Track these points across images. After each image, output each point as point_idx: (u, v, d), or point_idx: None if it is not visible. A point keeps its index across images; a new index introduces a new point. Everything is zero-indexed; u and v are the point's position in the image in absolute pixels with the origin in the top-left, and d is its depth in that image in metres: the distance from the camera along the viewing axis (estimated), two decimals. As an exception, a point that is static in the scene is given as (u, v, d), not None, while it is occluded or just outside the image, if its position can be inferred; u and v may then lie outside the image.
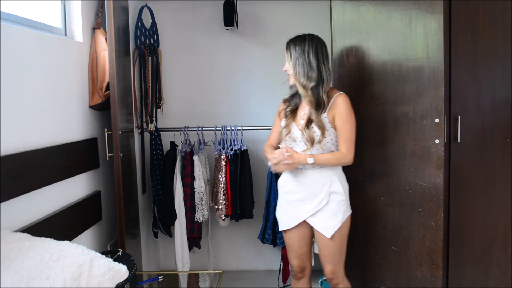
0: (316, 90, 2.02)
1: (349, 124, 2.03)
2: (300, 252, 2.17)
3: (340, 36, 2.34)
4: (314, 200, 2.05)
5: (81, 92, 2.19)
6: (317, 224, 2.07)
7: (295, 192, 2.09)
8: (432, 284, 2.13)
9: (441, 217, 2.07)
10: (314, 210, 2.05)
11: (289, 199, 2.13)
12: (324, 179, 2.05)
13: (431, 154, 2.07)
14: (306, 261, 2.20)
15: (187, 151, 2.83)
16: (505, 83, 2.17)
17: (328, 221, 2.04)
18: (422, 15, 2.06)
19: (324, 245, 2.09)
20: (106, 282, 1.40)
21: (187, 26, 3.15)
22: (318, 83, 2.02)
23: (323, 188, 2.04)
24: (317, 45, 2.03)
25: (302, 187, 2.07)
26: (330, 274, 2.12)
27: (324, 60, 2.04)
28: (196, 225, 2.82)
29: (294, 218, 2.11)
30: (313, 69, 2.01)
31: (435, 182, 2.07)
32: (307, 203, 2.07)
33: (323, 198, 2.04)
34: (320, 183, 2.05)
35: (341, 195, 2.05)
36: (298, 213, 2.09)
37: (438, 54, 2.03)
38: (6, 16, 1.68)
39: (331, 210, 2.04)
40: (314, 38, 2.06)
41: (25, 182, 1.67)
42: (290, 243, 2.18)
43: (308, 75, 2.01)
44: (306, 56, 2.01)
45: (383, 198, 2.26)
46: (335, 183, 2.05)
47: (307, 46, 2.02)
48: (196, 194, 2.79)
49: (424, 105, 2.08)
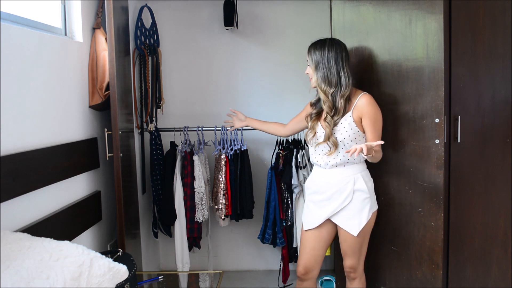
0: (335, 96, 2.03)
1: (379, 123, 2.06)
2: (312, 253, 2.16)
3: (340, 36, 2.33)
4: (338, 199, 2.07)
5: (81, 92, 2.19)
6: (343, 222, 2.08)
7: (321, 192, 2.12)
8: (432, 284, 2.13)
9: (441, 217, 2.07)
10: (339, 208, 2.07)
11: (315, 199, 2.16)
12: (348, 178, 2.07)
13: (431, 154, 2.07)
14: (315, 264, 2.18)
15: (187, 151, 2.83)
16: (505, 83, 2.17)
17: (353, 219, 2.06)
18: (422, 15, 2.06)
19: (345, 241, 2.11)
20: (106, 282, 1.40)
21: (187, 26, 3.15)
22: (337, 89, 2.03)
23: (347, 186, 2.06)
24: (337, 50, 2.03)
25: (326, 187, 2.10)
26: (348, 268, 2.15)
27: (344, 65, 2.04)
28: (196, 225, 2.83)
29: (318, 217, 2.13)
30: (332, 74, 2.02)
31: (435, 182, 2.07)
32: (332, 202, 2.09)
33: (347, 196, 2.06)
34: (344, 182, 2.07)
35: (365, 193, 2.07)
36: (322, 212, 2.12)
37: (438, 54, 2.03)
38: (6, 16, 1.68)
39: (355, 208, 2.06)
40: (334, 43, 2.06)
41: (25, 182, 1.67)
42: (306, 242, 2.18)
43: (328, 80, 2.03)
44: (326, 61, 2.03)
45: (383, 198, 2.26)
46: (359, 181, 2.07)
47: (327, 51, 2.03)
48: (196, 194, 2.79)
49: (424, 105, 2.08)
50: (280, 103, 3.17)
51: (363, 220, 2.06)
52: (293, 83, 3.10)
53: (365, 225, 2.07)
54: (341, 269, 2.32)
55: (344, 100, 2.03)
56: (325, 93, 2.04)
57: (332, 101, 2.03)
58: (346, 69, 2.04)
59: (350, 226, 2.07)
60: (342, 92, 2.02)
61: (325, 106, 2.06)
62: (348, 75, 2.04)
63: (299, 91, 2.82)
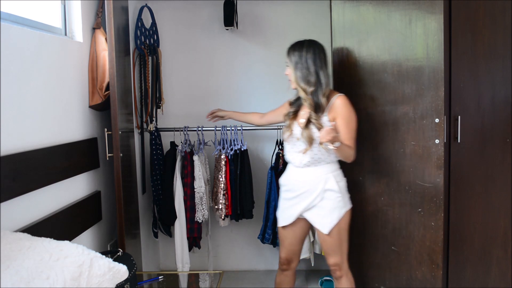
0: (315, 94, 2.08)
1: (353, 124, 2.09)
2: (290, 248, 2.28)
3: (340, 36, 2.34)
4: (309, 197, 2.13)
5: (81, 92, 2.19)
6: (315, 220, 2.15)
7: (293, 190, 2.18)
8: (432, 284, 2.13)
9: (441, 217, 2.07)
10: (309, 207, 2.14)
11: (288, 196, 2.22)
12: (319, 177, 2.12)
13: (431, 154, 2.08)
14: (294, 257, 2.31)
15: (187, 151, 2.83)
16: (505, 83, 2.17)
17: (324, 218, 2.12)
18: (422, 15, 2.06)
19: (324, 240, 2.17)
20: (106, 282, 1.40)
21: (187, 26, 3.15)
22: (317, 87, 2.08)
23: (318, 186, 2.11)
24: (315, 51, 2.10)
25: (299, 185, 2.16)
26: (333, 266, 2.20)
27: (323, 65, 2.10)
28: (196, 225, 2.82)
29: (291, 215, 2.20)
30: (311, 74, 2.07)
31: (435, 182, 2.07)
32: (302, 200, 2.15)
33: (317, 195, 2.11)
34: (316, 181, 2.12)
35: (336, 192, 2.11)
36: (295, 209, 2.18)
37: (438, 54, 2.03)
38: (6, 16, 1.68)
39: (326, 207, 2.11)
40: (312, 44, 2.12)
41: (25, 182, 1.67)
42: (283, 238, 2.29)
43: (307, 79, 2.08)
44: (305, 61, 2.09)
45: (383, 198, 2.26)
46: (330, 181, 2.11)
47: (305, 52, 2.09)
48: (196, 194, 2.79)
49: (424, 105, 2.08)
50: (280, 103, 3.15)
51: (334, 219, 2.11)
52: (293, 83, 3.10)
53: (337, 223, 2.11)
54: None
55: (325, 98, 2.08)
56: (305, 92, 2.09)
57: (313, 98, 2.08)
58: (324, 68, 2.10)
59: (321, 224, 2.13)
60: (324, 91, 2.08)
61: (307, 104, 2.10)
62: (326, 74, 2.10)
63: (299, 91, 2.82)
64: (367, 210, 2.33)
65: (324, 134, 1.93)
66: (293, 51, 2.12)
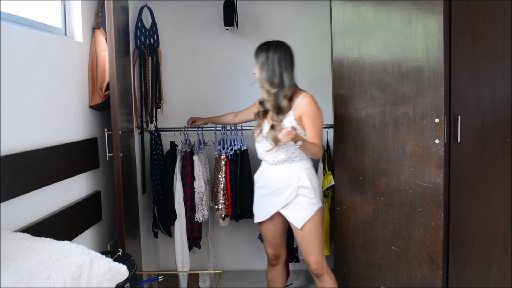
0: (277, 96, 2.14)
1: (318, 121, 2.14)
2: (274, 242, 2.33)
3: (340, 36, 2.34)
4: (284, 194, 2.18)
5: (81, 92, 2.19)
6: (289, 215, 2.20)
7: (268, 187, 2.24)
8: (432, 284, 2.13)
9: (441, 217, 2.07)
10: (285, 203, 2.18)
11: (262, 193, 2.28)
12: (293, 175, 2.16)
13: (431, 154, 2.08)
14: (280, 249, 2.37)
15: (187, 151, 2.83)
16: (505, 83, 2.18)
17: (298, 214, 2.17)
18: (422, 15, 2.06)
19: (301, 238, 2.21)
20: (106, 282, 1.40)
21: (187, 26, 3.15)
22: (280, 89, 2.13)
23: (292, 183, 2.16)
24: (281, 52, 2.15)
25: (273, 182, 2.21)
26: (314, 265, 2.21)
27: (287, 67, 2.14)
28: (196, 225, 2.82)
29: (267, 211, 2.26)
30: (276, 75, 2.13)
31: (435, 182, 2.07)
32: (278, 196, 2.20)
33: (291, 192, 2.16)
34: (290, 178, 2.16)
35: (309, 190, 2.16)
36: (270, 205, 2.23)
37: (438, 54, 2.03)
38: (6, 16, 1.68)
39: (300, 203, 2.16)
40: (279, 45, 2.17)
41: (25, 182, 1.67)
42: (265, 233, 2.34)
43: (271, 81, 2.14)
44: (271, 62, 2.14)
45: (383, 198, 2.26)
46: (303, 178, 2.16)
47: (272, 53, 2.14)
48: (196, 194, 2.79)
49: (424, 105, 2.08)
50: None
51: (307, 215, 2.15)
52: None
53: (309, 219, 2.15)
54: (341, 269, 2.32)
55: (286, 100, 2.12)
56: (268, 93, 2.15)
57: (274, 100, 2.13)
58: (289, 70, 2.14)
59: (295, 219, 2.18)
60: (285, 93, 2.12)
61: (269, 105, 2.17)
62: (291, 76, 2.15)
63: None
64: (367, 210, 2.33)
65: (284, 135, 1.97)
66: (261, 51, 2.17)
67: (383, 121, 2.23)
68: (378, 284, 2.36)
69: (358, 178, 2.35)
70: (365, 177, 2.34)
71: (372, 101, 2.27)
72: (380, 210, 2.27)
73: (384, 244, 2.30)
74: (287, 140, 1.98)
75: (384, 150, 2.23)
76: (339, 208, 2.39)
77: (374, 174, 2.29)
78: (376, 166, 2.27)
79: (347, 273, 2.37)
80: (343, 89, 2.33)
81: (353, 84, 2.32)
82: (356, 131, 2.30)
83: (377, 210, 2.29)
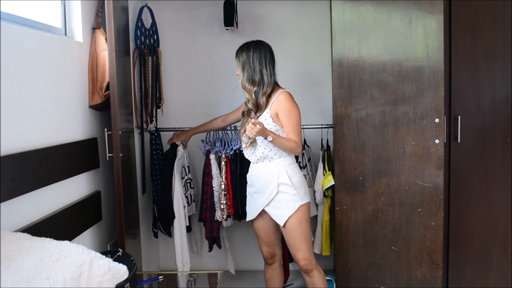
0: (257, 94, 2.20)
1: (294, 117, 2.16)
2: (268, 240, 2.35)
3: (340, 36, 2.34)
4: (266, 192, 2.21)
5: (81, 92, 2.19)
6: (272, 213, 2.22)
7: (253, 185, 2.30)
8: (432, 284, 2.13)
9: (441, 217, 2.07)
10: (268, 200, 2.21)
11: (250, 191, 2.33)
12: (273, 172, 2.19)
13: (431, 154, 2.08)
14: (275, 247, 2.38)
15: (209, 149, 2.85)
16: (505, 83, 2.18)
17: (280, 211, 2.19)
18: (422, 15, 2.06)
19: (287, 235, 2.22)
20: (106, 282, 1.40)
21: (187, 26, 3.15)
22: (260, 87, 2.19)
23: (272, 180, 2.19)
24: (261, 51, 2.21)
25: (256, 180, 2.26)
26: (302, 261, 2.22)
27: (267, 65, 2.20)
28: (216, 225, 2.82)
29: (255, 209, 2.29)
30: (256, 73, 2.19)
31: (435, 182, 2.07)
32: (261, 194, 2.24)
33: (272, 189, 2.19)
34: (270, 175, 2.20)
35: (290, 186, 2.17)
36: (257, 204, 2.27)
37: (438, 54, 2.03)
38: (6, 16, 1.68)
39: (281, 200, 2.18)
40: (258, 44, 2.25)
41: (25, 182, 1.67)
42: (258, 232, 2.36)
43: (252, 79, 2.20)
44: (251, 61, 2.21)
45: (383, 198, 2.26)
46: (282, 175, 2.18)
47: (252, 52, 2.21)
48: (215, 192, 2.79)
49: (424, 105, 2.08)
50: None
51: (289, 211, 2.16)
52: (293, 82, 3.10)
53: (292, 216, 2.15)
54: (341, 269, 2.32)
55: (265, 97, 2.18)
56: (249, 92, 2.20)
57: (255, 98, 2.19)
58: (269, 68, 2.20)
59: (277, 216, 2.20)
60: (264, 90, 2.18)
61: (249, 104, 2.22)
62: (271, 73, 2.21)
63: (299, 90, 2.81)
64: (367, 210, 2.33)
65: (249, 129, 2.00)
66: (241, 52, 2.24)
67: (383, 121, 2.23)
68: (378, 284, 2.36)
69: (358, 178, 2.35)
70: (365, 177, 2.34)
71: (372, 101, 2.27)
72: (380, 210, 2.27)
73: (384, 244, 2.30)
74: (254, 134, 1.99)
75: (384, 150, 2.23)
76: (339, 208, 2.39)
77: (374, 174, 2.29)
78: (376, 166, 2.27)
79: (347, 273, 2.37)
80: (343, 89, 2.33)
81: (353, 84, 2.32)
82: (356, 131, 2.30)
83: (377, 210, 2.29)
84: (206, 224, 2.81)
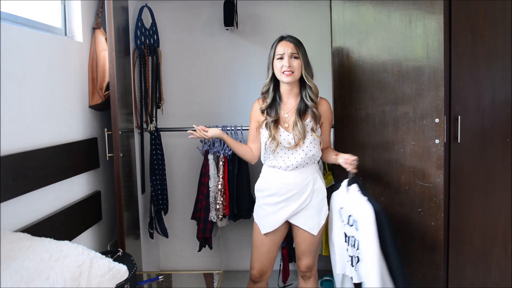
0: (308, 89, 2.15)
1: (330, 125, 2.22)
2: (267, 256, 2.18)
3: (340, 36, 2.33)
4: (298, 200, 2.11)
5: (81, 92, 2.19)
6: (302, 222, 2.12)
7: (280, 194, 2.12)
8: (432, 284, 2.13)
9: (441, 217, 2.07)
10: (298, 209, 2.11)
11: (272, 201, 2.14)
12: (307, 178, 2.11)
13: (431, 154, 2.08)
14: (269, 266, 2.21)
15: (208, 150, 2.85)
16: (505, 83, 2.17)
17: (313, 219, 2.12)
18: (422, 15, 2.06)
19: (303, 240, 2.15)
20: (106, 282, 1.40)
21: (187, 26, 3.15)
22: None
23: (307, 187, 2.10)
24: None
25: (287, 189, 2.11)
26: (305, 268, 2.18)
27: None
28: (209, 225, 2.82)
29: (276, 220, 2.13)
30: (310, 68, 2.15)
31: (435, 182, 2.07)
32: (291, 203, 2.11)
33: (307, 197, 2.10)
34: (304, 182, 2.11)
35: (323, 192, 2.14)
36: (282, 214, 2.13)
37: (438, 54, 2.03)
38: (6, 16, 1.68)
39: (314, 207, 2.12)
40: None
41: (25, 182, 1.67)
42: (261, 246, 2.17)
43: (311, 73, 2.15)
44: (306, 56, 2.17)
45: (383, 198, 2.26)
46: (318, 181, 2.13)
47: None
48: (211, 193, 2.79)
49: (424, 105, 2.08)
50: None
51: (322, 219, 2.12)
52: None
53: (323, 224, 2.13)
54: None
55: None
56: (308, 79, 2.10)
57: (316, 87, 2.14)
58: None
59: (310, 226, 2.11)
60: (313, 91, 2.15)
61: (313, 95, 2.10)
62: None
63: (299, 91, 2.81)
64: (367, 210, 2.32)
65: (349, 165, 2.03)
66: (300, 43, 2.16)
67: (383, 121, 2.23)
68: (378, 284, 2.36)
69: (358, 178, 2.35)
70: (365, 177, 2.34)
71: (372, 101, 2.26)
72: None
73: (384, 244, 2.29)
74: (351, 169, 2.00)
75: (384, 150, 2.23)
76: (339, 208, 2.39)
77: (374, 174, 2.29)
78: (376, 166, 2.26)
79: (347, 273, 2.36)
80: (343, 89, 2.33)
81: (353, 84, 2.32)
82: (356, 131, 2.30)
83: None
84: (199, 224, 2.81)
